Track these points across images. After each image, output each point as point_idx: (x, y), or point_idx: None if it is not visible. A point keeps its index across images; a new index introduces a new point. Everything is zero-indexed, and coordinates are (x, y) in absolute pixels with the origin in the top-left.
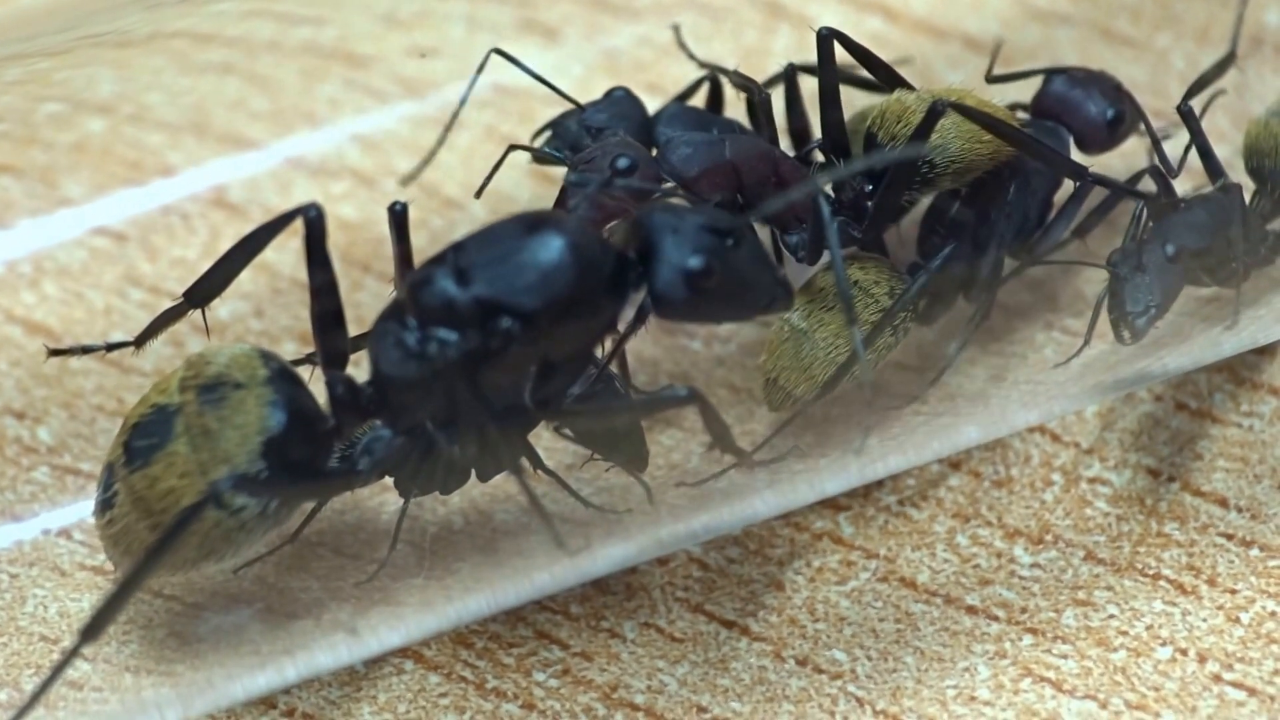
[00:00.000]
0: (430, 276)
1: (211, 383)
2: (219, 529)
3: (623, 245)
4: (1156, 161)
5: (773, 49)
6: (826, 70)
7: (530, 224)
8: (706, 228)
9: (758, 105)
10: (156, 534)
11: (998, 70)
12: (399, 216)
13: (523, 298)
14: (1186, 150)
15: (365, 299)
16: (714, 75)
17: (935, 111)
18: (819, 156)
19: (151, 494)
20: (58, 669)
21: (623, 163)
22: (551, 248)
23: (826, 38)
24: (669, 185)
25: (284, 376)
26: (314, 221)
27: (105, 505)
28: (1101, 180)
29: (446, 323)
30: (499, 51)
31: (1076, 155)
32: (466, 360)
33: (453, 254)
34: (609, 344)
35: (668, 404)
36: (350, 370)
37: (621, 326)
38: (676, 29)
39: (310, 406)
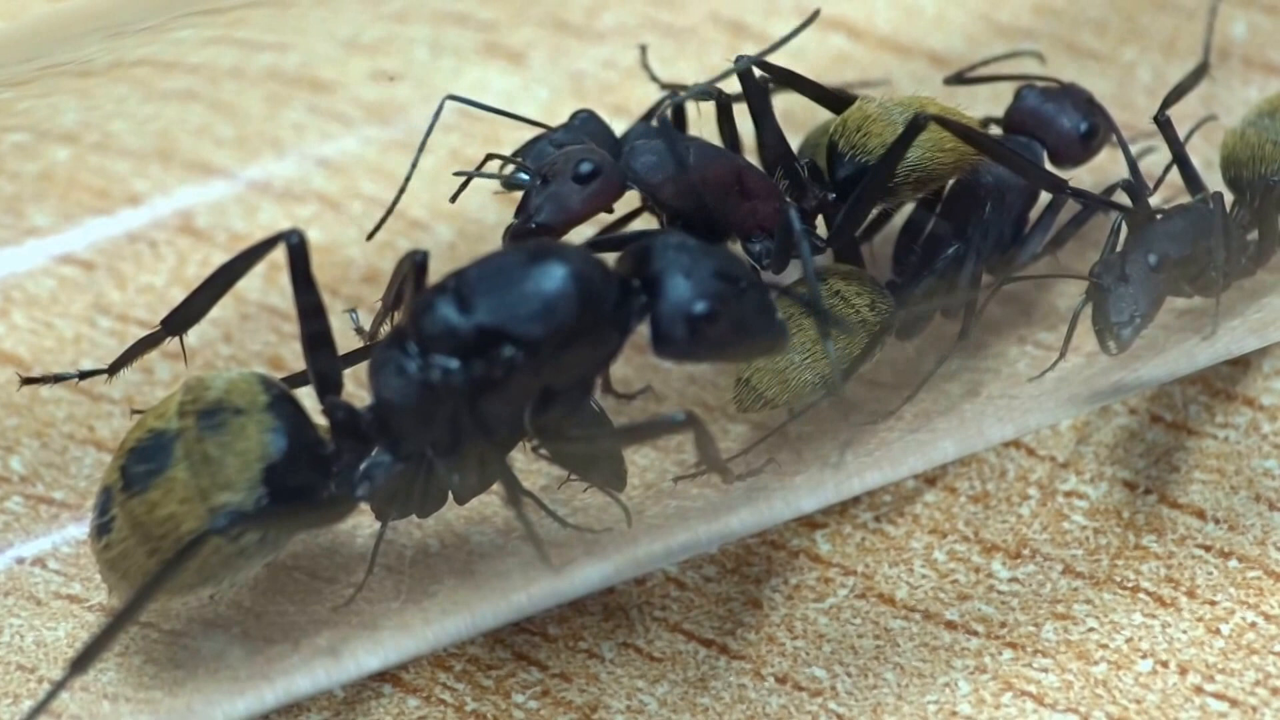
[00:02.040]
0: (433, 304)
1: (211, 408)
2: (218, 555)
3: (628, 274)
4: (1129, 174)
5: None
6: (752, 98)
7: (534, 252)
8: (717, 273)
9: (720, 111)
10: (155, 559)
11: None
12: (419, 266)
13: (527, 326)
14: (1170, 164)
15: (334, 323)
16: (676, 95)
17: (916, 125)
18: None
19: (151, 519)
20: (45, 700)
21: (585, 167)
22: (555, 276)
23: (746, 68)
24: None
25: (284, 402)
26: (296, 248)
27: (102, 530)
28: (1080, 194)
29: (449, 350)
30: (454, 97)
31: (1050, 169)
32: (469, 387)
33: (455, 282)
34: None
35: (664, 429)
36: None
37: None
38: (643, 50)
39: (310, 433)
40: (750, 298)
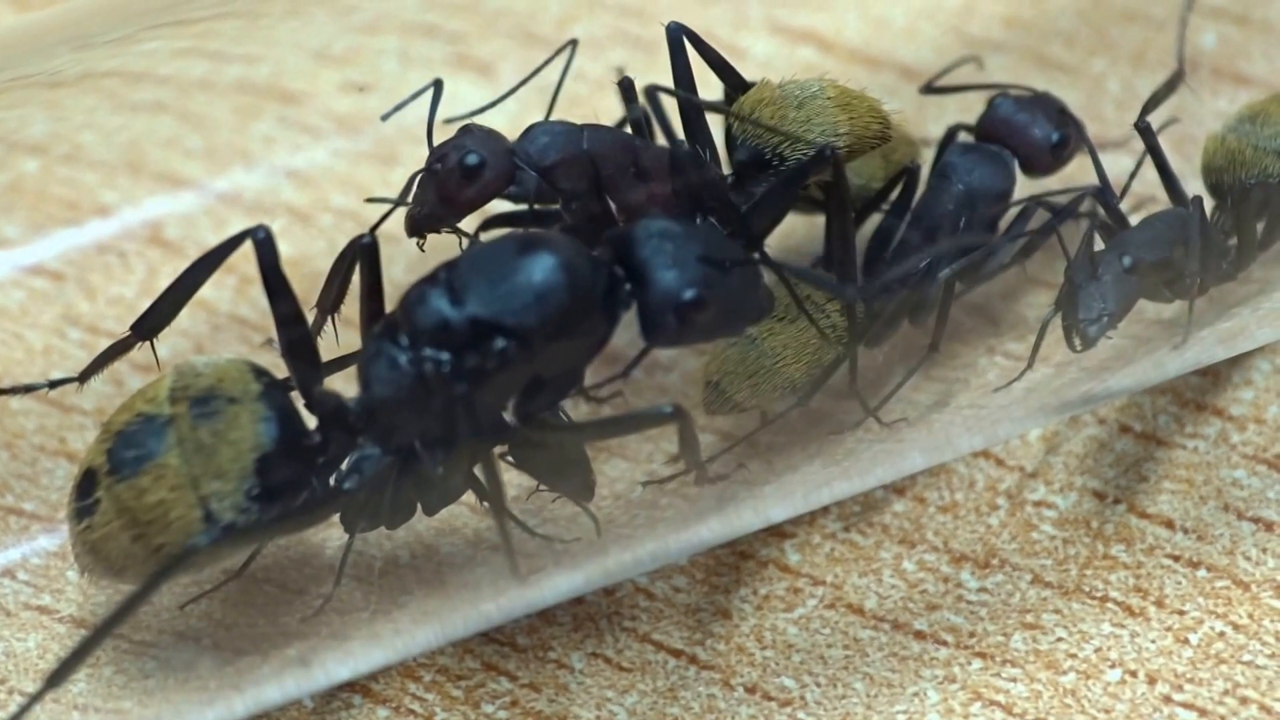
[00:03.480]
0: (425, 296)
1: (204, 396)
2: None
3: (614, 263)
4: (1099, 183)
5: (708, 79)
6: (678, 65)
7: (523, 244)
8: (704, 258)
9: (634, 122)
10: (139, 544)
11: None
12: (368, 250)
13: (518, 317)
14: (1134, 171)
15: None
16: (644, 113)
17: (822, 157)
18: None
19: (139, 505)
20: (18, 714)
21: (472, 159)
22: (545, 267)
23: (675, 32)
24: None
25: (275, 392)
26: (263, 244)
27: (83, 512)
28: (1046, 204)
29: (441, 343)
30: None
31: (1021, 178)
32: (460, 379)
33: (446, 274)
34: None
35: (652, 421)
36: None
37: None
38: (621, 73)
39: (300, 424)
40: (735, 274)
